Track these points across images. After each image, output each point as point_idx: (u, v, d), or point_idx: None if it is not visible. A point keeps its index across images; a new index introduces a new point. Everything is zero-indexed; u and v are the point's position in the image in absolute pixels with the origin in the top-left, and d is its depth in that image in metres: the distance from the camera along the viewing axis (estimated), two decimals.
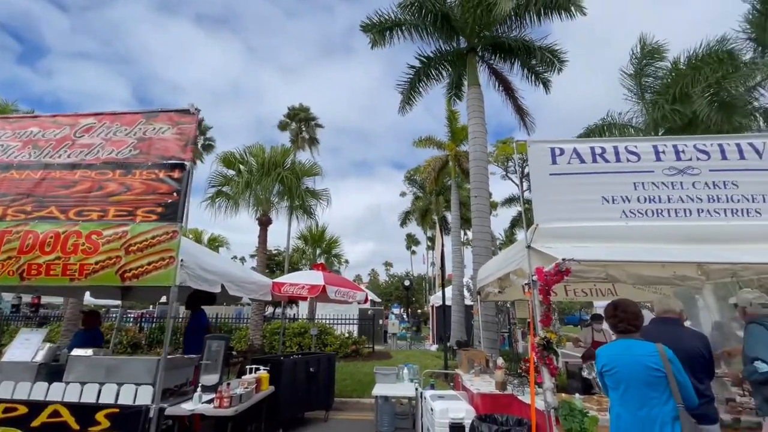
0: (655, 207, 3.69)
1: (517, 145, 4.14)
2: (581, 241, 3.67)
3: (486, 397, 4.51)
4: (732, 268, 3.56)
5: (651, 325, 3.13)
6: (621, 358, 2.47)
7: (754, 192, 3.64)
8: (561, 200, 3.82)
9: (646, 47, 12.38)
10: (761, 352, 2.83)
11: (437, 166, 17.50)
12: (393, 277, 59.20)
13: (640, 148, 3.87)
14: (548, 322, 3.45)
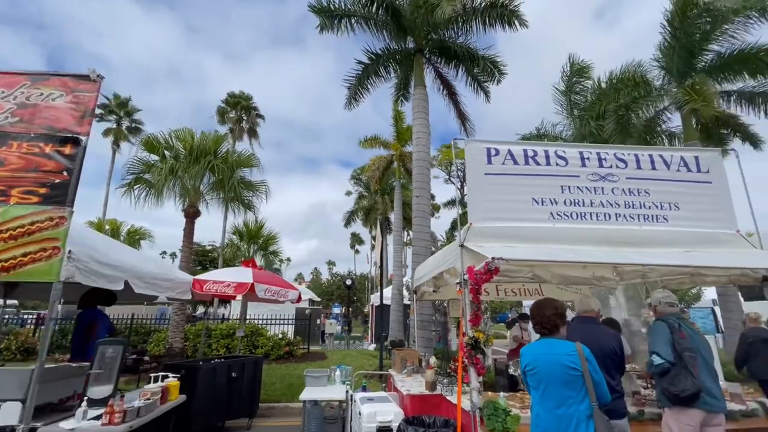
0: (580, 210, 3.85)
1: (454, 145, 4.10)
2: (512, 241, 3.71)
3: (415, 398, 4.42)
4: (642, 269, 3.82)
5: (572, 323, 3.23)
6: (542, 357, 2.47)
7: (662, 200, 3.94)
8: (494, 200, 3.84)
9: (575, 66, 13.42)
10: (658, 346, 3.02)
11: (382, 165, 17.48)
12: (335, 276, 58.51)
13: (568, 154, 4.03)
14: (477, 322, 3.43)
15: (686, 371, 2.93)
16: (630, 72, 12.06)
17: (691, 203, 3.95)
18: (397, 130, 16.61)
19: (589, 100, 13.69)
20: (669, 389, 2.95)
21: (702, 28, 10.41)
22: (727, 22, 10.00)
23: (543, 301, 2.69)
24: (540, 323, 2.59)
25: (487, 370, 8.00)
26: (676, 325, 3.15)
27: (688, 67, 10.82)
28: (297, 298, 6.64)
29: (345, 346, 16.28)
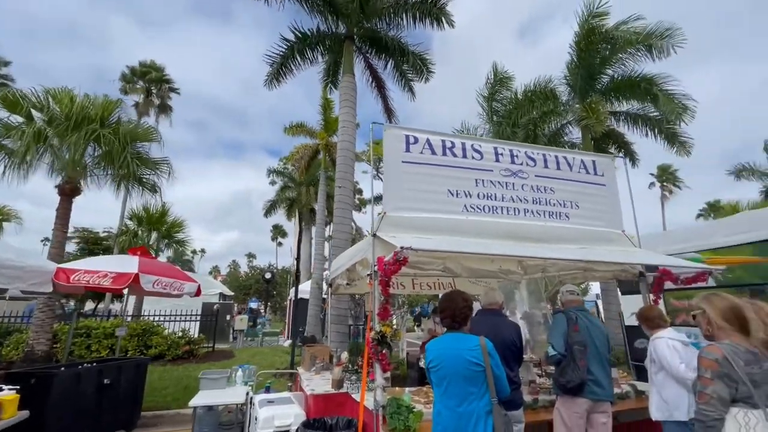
0: (492, 204, 3.88)
1: (373, 130, 3.87)
2: (426, 232, 3.59)
3: (319, 398, 4.12)
4: (543, 264, 3.99)
5: (477, 316, 3.21)
6: (447, 352, 2.34)
7: (564, 199, 4.16)
8: (411, 189, 3.69)
9: (498, 75, 14.24)
10: (554, 338, 3.14)
11: (307, 155, 16.76)
12: (255, 269, 55.57)
13: (484, 148, 4.05)
14: (386, 315, 3.23)
15: (573, 363, 3.07)
16: (542, 86, 13.14)
17: (588, 203, 4.24)
18: (325, 118, 16.02)
19: (508, 108, 14.65)
20: (558, 379, 3.08)
21: (602, 54, 11.70)
22: (621, 51, 11.37)
23: (454, 293, 2.57)
24: (452, 316, 2.46)
25: (401, 364, 8.05)
26: (574, 317, 3.29)
27: (589, 86, 12.10)
28: (196, 291, 5.88)
29: (258, 343, 15.33)
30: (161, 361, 9.17)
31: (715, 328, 1.96)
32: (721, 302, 1.98)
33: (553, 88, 12.95)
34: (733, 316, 1.91)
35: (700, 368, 1.77)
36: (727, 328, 1.91)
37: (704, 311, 2.01)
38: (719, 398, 1.65)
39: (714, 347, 1.81)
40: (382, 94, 12.88)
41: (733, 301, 1.98)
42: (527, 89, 13.49)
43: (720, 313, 1.94)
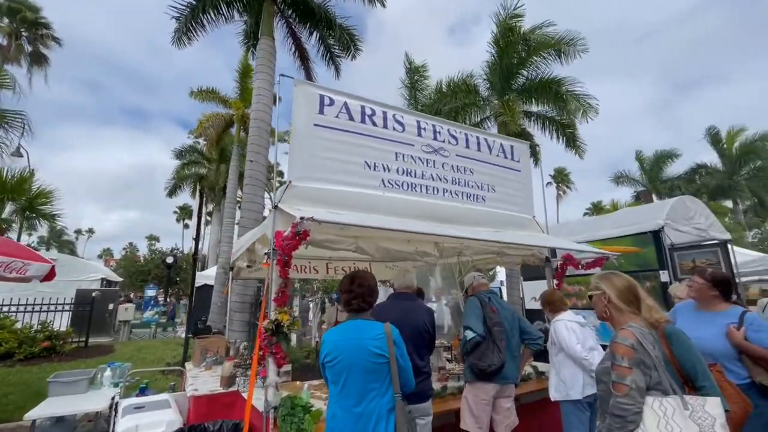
0: (411, 180, 3.59)
1: (280, 83, 3.27)
2: (338, 207, 3.15)
3: (202, 400, 3.48)
4: (459, 247, 3.83)
5: (389, 300, 2.90)
6: (347, 343, 1.95)
7: (482, 181, 4.06)
8: (323, 157, 3.21)
9: (412, 64, 14.31)
10: (471, 320, 2.99)
11: (219, 125, 15.03)
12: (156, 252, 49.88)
13: (406, 120, 3.73)
14: (284, 301, 2.74)
15: (494, 345, 2.95)
16: (464, 80, 13.52)
17: (504, 187, 4.21)
18: (243, 87, 14.50)
19: (432, 99, 14.84)
20: (477, 364, 2.92)
21: (519, 54, 12.36)
22: (536, 54, 12.13)
23: (361, 273, 2.18)
24: (361, 296, 2.07)
25: (311, 353, 7.58)
26: (487, 299, 3.18)
27: (506, 85, 12.73)
28: (47, 274, 4.65)
29: (152, 335, 13.51)
30: (8, 362, 7.37)
31: (613, 310, 1.82)
32: (620, 281, 1.85)
33: (475, 83, 13.40)
34: (633, 296, 1.81)
35: (615, 356, 1.59)
36: (626, 310, 1.78)
37: (603, 291, 1.84)
38: (638, 388, 1.50)
39: (627, 332, 1.65)
40: (306, 66, 11.99)
41: (631, 279, 1.87)
42: (451, 81, 13.77)
43: (619, 293, 1.80)
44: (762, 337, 2.28)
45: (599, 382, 1.74)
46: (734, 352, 2.32)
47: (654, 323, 1.93)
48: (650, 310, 1.94)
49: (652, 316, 1.92)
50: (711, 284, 2.52)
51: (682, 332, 1.91)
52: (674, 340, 1.87)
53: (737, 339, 2.31)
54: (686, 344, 1.85)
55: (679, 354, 1.82)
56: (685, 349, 1.83)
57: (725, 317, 2.47)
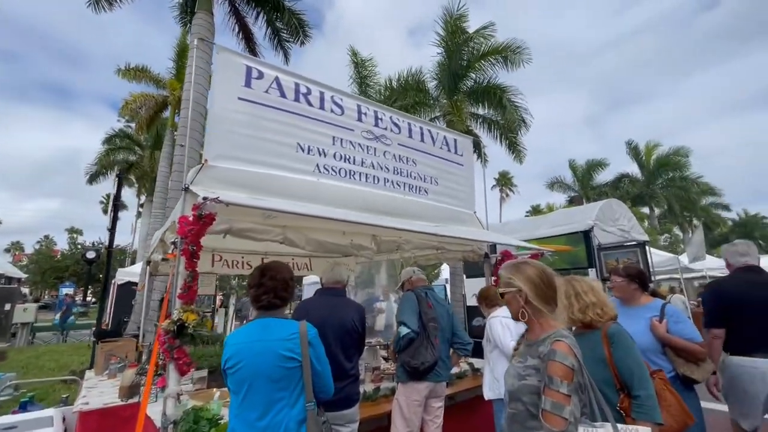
0: (349, 168, 3.33)
1: (195, 48, 2.84)
2: (265, 192, 2.81)
3: (91, 415, 2.95)
4: (398, 241, 3.65)
5: (316, 295, 2.63)
6: (252, 347, 1.66)
7: (425, 173, 3.91)
8: (247, 135, 2.84)
9: (357, 57, 14.13)
10: (406, 316, 2.81)
11: (150, 107, 13.66)
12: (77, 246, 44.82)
13: (346, 103, 3.46)
14: (191, 297, 2.35)
15: (428, 342, 2.80)
16: (414, 77, 13.58)
17: (447, 180, 4.10)
18: (179, 67, 13.29)
19: (383, 95, 14.72)
20: (410, 362, 2.74)
21: (468, 57, 12.62)
22: (483, 58, 12.46)
23: (275, 264, 1.88)
24: (273, 291, 1.77)
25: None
26: (423, 294, 3.03)
27: (455, 86, 12.94)
28: None
29: (60, 339, 11.92)
30: None
31: (532, 311, 1.44)
32: (535, 272, 1.47)
33: (425, 82, 13.50)
34: (551, 290, 1.46)
35: (552, 379, 1.26)
36: (546, 310, 1.43)
37: (519, 289, 1.45)
38: (575, 421, 1.24)
39: (564, 345, 1.31)
40: (251, 49, 11.23)
41: (546, 268, 1.52)
42: (401, 77, 13.76)
43: (537, 290, 1.43)
44: (682, 329, 2.34)
45: (514, 400, 1.39)
46: (659, 345, 2.36)
47: (595, 323, 1.83)
48: (589, 308, 1.85)
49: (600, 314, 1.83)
50: (628, 279, 2.56)
51: (626, 334, 1.79)
52: (615, 341, 1.74)
53: (660, 332, 2.35)
54: (627, 348, 1.73)
55: (618, 358, 1.71)
56: (625, 352, 1.72)
57: (648, 310, 2.51)
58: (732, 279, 2.79)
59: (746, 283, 2.64)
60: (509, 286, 1.51)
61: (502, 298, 1.57)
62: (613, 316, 1.85)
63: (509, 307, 1.56)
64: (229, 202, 2.05)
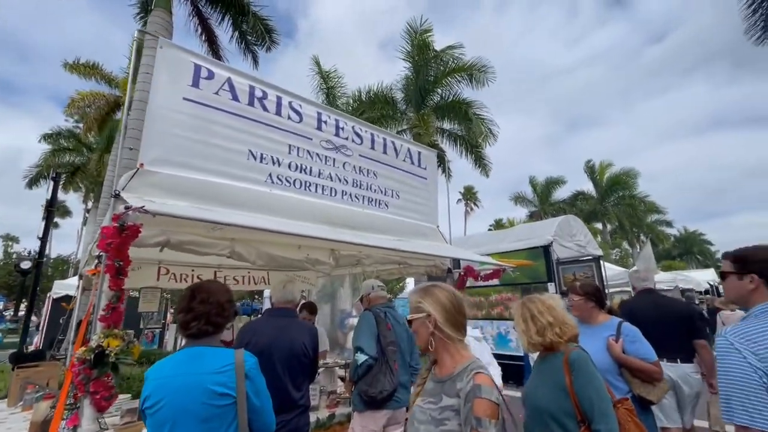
0: (306, 179, 3.15)
1: (135, 41, 2.58)
2: (210, 202, 2.56)
3: None
4: (358, 255, 3.49)
5: (264, 316, 2.40)
6: (174, 381, 1.42)
7: (387, 186, 3.80)
8: (193, 139, 2.60)
9: (321, 68, 14.08)
10: (363, 340, 2.62)
11: (101, 107, 12.76)
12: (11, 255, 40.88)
13: (305, 110, 3.29)
14: (116, 320, 2.05)
15: (387, 368, 2.60)
16: (382, 91, 13.67)
17: (409, 194, 4.01)
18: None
19: (353, 106, 14.68)
20: (367, 391, 2.53)
21: (435, 73, 12.88)
22: (450, 75, 12.76)
23: (208, 285, 1.65)
24: (204, 316, 1.53)
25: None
26: (383, 314, 2.85)
27: (422, 100, 13.13)
28: None
29: None
30: None
31: (441, 338, 1.30)
32: (445, 296, 1.35)
33: (393, 96, 13.61)
34: (461, 315, 1.34)
35: (481, 421, 1.12)
36: (455, 339, 1.31)
37: (428, 314, 1.32)
38: None
39: (485, 377, 1.18)
40: (215, 50, 10.80)
41: (456, 293, 1.40)
42: (370, 90, 13.80)
43: (447, 315, 1.31)
44: (638, 348, 2.31)
45: None
46: (616, 365, 2.32)
47: (556, 344, 1.70)
48: (546, 329, 1.75)
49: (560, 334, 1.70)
50: (586, 297, 2.54)
51: (588, 361, 1.68)
52: (575, 369, 1.63)
53: (616, 352, 2.32)
54: (588, 376, 1.62)
55: (579, 387, 1.59)
56: (587, 381, 1.60)
57: (605, 329, 2.48)
58: (636, 299, 3.46)
59: (645, 302, 3.27)
60: (418, 311, 1.36)
61: (410, 326, 1.40)
62: (574, 334, 1.76)
63: (417, 337, 1.38)
64: (156, 212, 1.81)
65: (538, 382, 1.76)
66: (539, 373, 1.79)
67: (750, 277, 1.41)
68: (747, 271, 1.42)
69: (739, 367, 1.27)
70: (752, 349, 1.27)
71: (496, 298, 7.61)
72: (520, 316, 1.81)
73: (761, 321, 1.34)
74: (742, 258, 1.46)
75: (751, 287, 1.41)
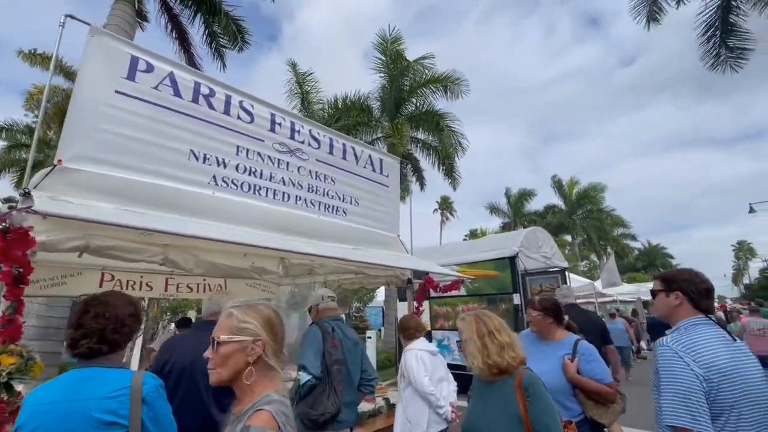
0: (255, 182, 2.98)
1: (63, 25, 2.37)
2: (141, 204, 2.36)
3: None
4: (311, 264, 3.33)
5: (189, 331, 2.20)
6: (53, 409, 1.23)
7: (345, 192, 3.67)
8: (123, 135, 2.40)
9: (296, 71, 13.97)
10: (307, 358, 2.45)
11: (61, 100, 12.07)
12: None
13: (257, 110, 3.14)
14: (11, 335, 1.81)
15: (330, 389, 2.44)
16: (359, 99, 13.64)
17: (369, 201, 3.90)
18: (58, 56, 11.99)
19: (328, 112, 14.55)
20: (308, 413, 2.36)
21: (410, 83, 12.97)
22: (426, 86, 12.88)
23: (108, 297, 1.47)
24: (99, 333, 1.35)
25: None
26: (330, 329, 2.70)
27: (397, 109, 13.17)
28: None
29: None
30: None
31: (259, 371, 1.06)
32: (274, 316, 1.14)
33: (369, 105, 13.59)
34: (281, 337, 1.13)
35: None
36: (271, 372, 1.08)
37: (257, 336, 1.07)
38: None
39: (264, 415, 0.95)
40: (187, 51, 10.45)
41: (278, 312, 1.18)
42: (346, 97, 13.74)
43: (275, 337, 1.11)
44: (594, 368, 2.22)
45: None
46: (570, 386, 2.23)
47: (510, 368, 1.58)
48: (504, 349, 1.63)
49: (514, 357, 1.58)
50: (544, 313, 2.46)
51: (542, 384, 1.58)
52: (532, 394, 1.51)
53: (570, 373, 2.22)
54: (544, 402, 1.52)
55: (535, 415, 1.48)
56: (543, 409, 1.49)
57: (561, 347, 2.39)
58: None
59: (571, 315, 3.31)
60: (242, 332, 1.07)
61: (218, 347, 1.08)
62: (523, 359, 1.65)
63: (225, 366, 1.08)
64: (46, 213, 1.61)
65: (485, 411, 1.60)
66: (484, 402, 1.63)
67: (675, 294, 1.61)
68: (672, 290, 1.62)
69: (684, 374, 1.39)
70: (694, 359, 1.41)
71: (462, 308, 7.57)
72: (474, 332, 1.65)
73: (692, 334, 1.50)
74: (669, 278, 1.65)
75: (676, 303, 1.61)
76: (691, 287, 1.57)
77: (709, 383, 1.36)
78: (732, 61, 9.08)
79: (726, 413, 1.35)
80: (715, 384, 1.36)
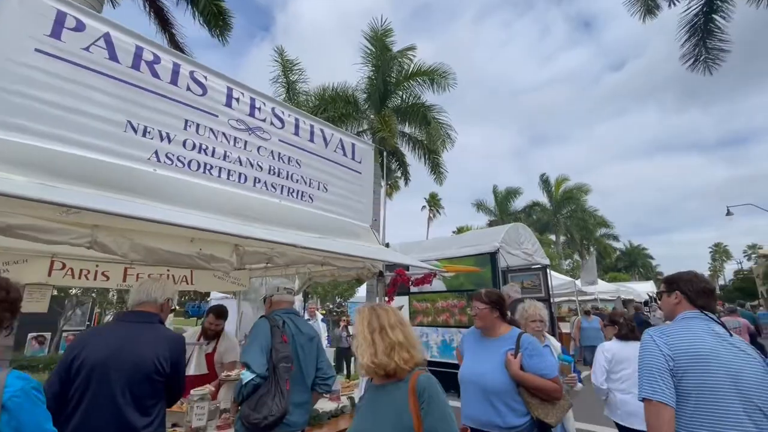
0: (206, 160, 2.70)
1: None
2: (63, 179, 2.07)
3: None
4: (268, 252, 3.07)
5: (115, 321, 1.94)
6: None
7: (312, 177, 3.42)
8: (43, 100, 2.09)
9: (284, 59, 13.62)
10: (252, 355, 2.21)
11: None
12: None
13: (211, 82, 2.85)
14: None
15: (276, 388, 2.20)
16: (345, 90, 13.33)
17: (339, 188, 3.65)
18: None
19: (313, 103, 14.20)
20: (250, 416, 2.12)
21: (396, 76, 12.72)
22: (412, 78, 12.65)
23: None
24: None
25: None
26: (281, 323, 2.46)
27: (383, 102, 12.91)
28: None
29: None
30: None
31: None
32: None
33: (356, 96, 13.29)
34: None
35: None
36: None
37: None
38: None
39: None
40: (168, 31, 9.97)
41: None
42: (332, 89, 13.42)
43: None
44: (536, 363, 2.07)
45: None
46: (515, 384, 2.07)
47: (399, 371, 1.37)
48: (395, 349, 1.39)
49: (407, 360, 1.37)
50: (491, 306, 2.30)
51: (439, 387, 1.38)
52: (426, 401, 1.31)
53: (513, 370, 2.06)
54: (441, 410, 1.32)
55: (430, 425, 1.27)
56: (440, 418, 1.28)
57: (504, 342, 2.23)
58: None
59: None
60: None
61: None
62: (419, 362, 1.43)
63: None
64: None
65: (373, 420, 1.39)
66: (374, 410, 1.42)
67: (675, 294, 1.75)
68: (673, 290, 1.77)
69: (651, 353, 1.55)
70: (665, 341, 1.56)
71: (442, 304, 7.40)
72: (366, 326, 1.44)
73: (677, 324, 1.66)
74: (671, 280, 1.81)
75: (675, 302, 1.75)
76: (689, 287, 1.69)
77: (676, 362, 1.48)
78: (710, 62, 9.12)
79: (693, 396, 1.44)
80: (683, 364, 1.47)
